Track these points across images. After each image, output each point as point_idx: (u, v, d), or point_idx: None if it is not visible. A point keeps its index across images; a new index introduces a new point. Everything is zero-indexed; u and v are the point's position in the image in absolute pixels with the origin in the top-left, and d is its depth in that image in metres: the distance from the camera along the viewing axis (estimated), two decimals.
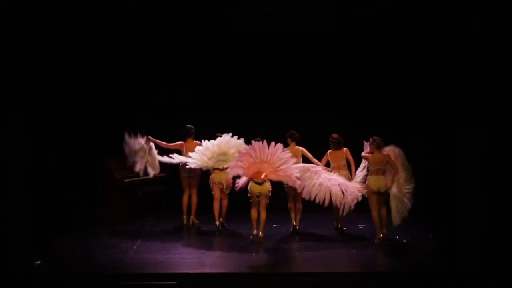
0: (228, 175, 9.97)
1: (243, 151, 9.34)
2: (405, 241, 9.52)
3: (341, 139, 9.99)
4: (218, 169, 10.08)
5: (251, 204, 9.61)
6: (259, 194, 9.48)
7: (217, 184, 10.13)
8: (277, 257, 8.95)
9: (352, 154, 9.94)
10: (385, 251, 9.14)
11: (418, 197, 9.39)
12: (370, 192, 9.44)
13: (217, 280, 7.99)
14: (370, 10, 10.97)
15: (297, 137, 10.01)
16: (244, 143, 9.98)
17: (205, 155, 9.98)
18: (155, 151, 10.55)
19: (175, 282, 7.76)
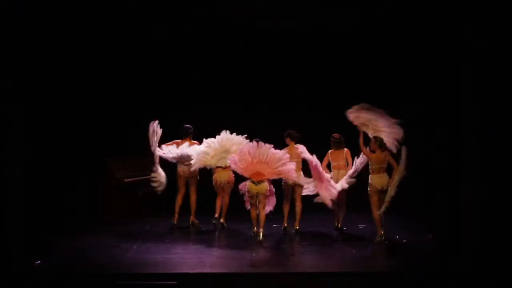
0: (230, 174, 10.01)
1: (243, 149, 9.37)
2: (405, 241, 9.52)
3: (342, 138, 10.00)
4: (220, 168, 10.09)
5: (250, 203, 9.64)
6: (257, 193, 9.50)
7: (219, 183, 10.14)
8: (277, 257, 8.95)
9: (352, 154, 9.95)
10: (385, 251, 9.14)
11: (418, 197, 9.38)
12: (373, 190, 9.42)
13: (217, 280, 7.98)
14: (370, 10, 10.97)
15: (297, 136, 10.00)
16: (245, 139, 9.98)
17: (207, 153, 9.98)
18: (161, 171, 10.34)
19: (175, 282, 7.76)
